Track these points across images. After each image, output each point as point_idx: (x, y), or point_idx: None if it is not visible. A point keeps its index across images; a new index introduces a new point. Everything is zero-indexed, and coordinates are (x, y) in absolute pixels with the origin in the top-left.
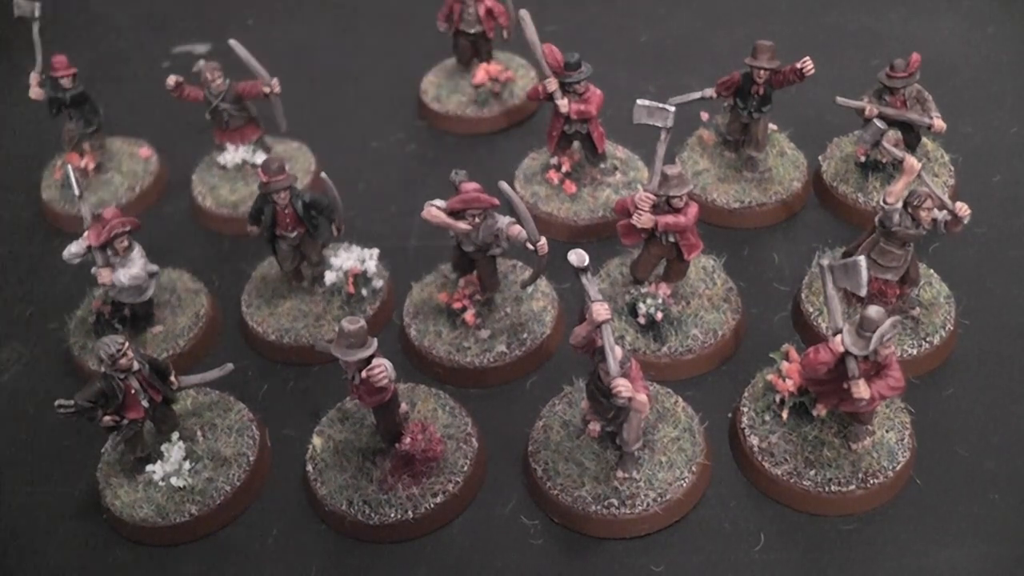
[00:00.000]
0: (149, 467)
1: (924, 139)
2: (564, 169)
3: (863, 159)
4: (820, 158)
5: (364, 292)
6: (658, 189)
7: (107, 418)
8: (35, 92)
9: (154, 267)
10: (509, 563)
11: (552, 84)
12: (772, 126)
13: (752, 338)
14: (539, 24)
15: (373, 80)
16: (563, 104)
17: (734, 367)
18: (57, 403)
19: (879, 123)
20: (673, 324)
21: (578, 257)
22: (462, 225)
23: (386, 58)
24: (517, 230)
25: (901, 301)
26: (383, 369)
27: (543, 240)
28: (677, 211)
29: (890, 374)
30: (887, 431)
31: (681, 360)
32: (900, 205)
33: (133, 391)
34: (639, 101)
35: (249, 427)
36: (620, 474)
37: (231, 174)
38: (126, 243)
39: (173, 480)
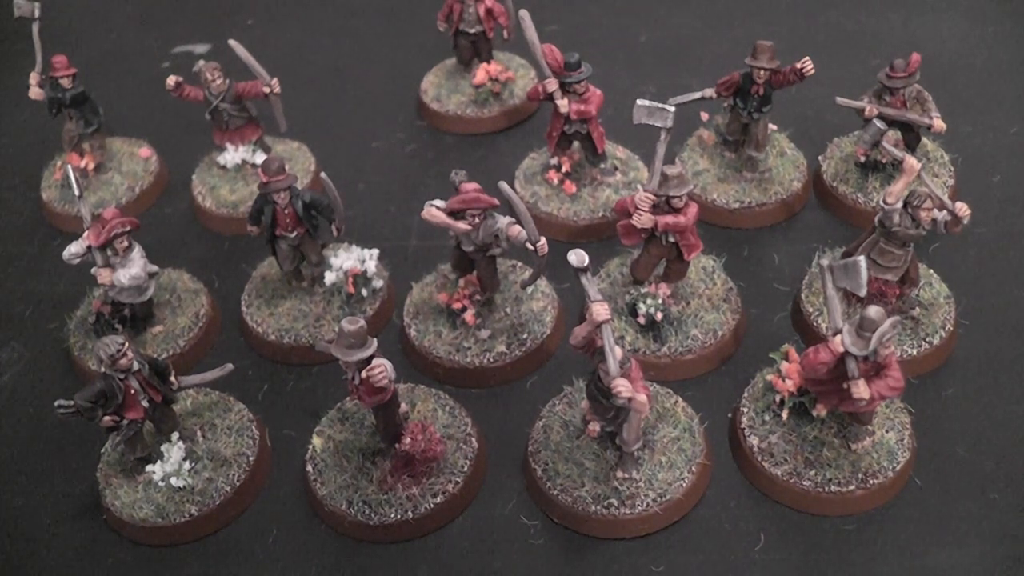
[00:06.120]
0: (149, 467)
1: (924, 139)
2: (564, 169)
3: (863, 159)
4: (820, 158)
5: (364, 292)
6: (658, 189)
7: (107, 418)
8: (35, 92)
9: (154, 267)
10: (509, 563)
11: (552, 84)
12: (772, 126)
13: (752, 338)
14: (539, 24)
15: (373, 80)
16: (563, 104)
17: (734, 367)
18: (57, 403)
19: (879, 123)
20: (673, 324)
21: (578, 257)
22: (462, 225)
23: (386, 58)
24: (517, 230)
25: (901, 301)
26: (383, 369)
27: (543, 240)
28: (677, 211)
29: (890, 374)
30: (887, 431)
31: (681, 360)
32: (900, 205)
33: (133, 391)
34: (639, 101)
35: (249, 427)
36: (620, 474)
37: (231, 174)
38: (126, 243)
39: (173, 480)
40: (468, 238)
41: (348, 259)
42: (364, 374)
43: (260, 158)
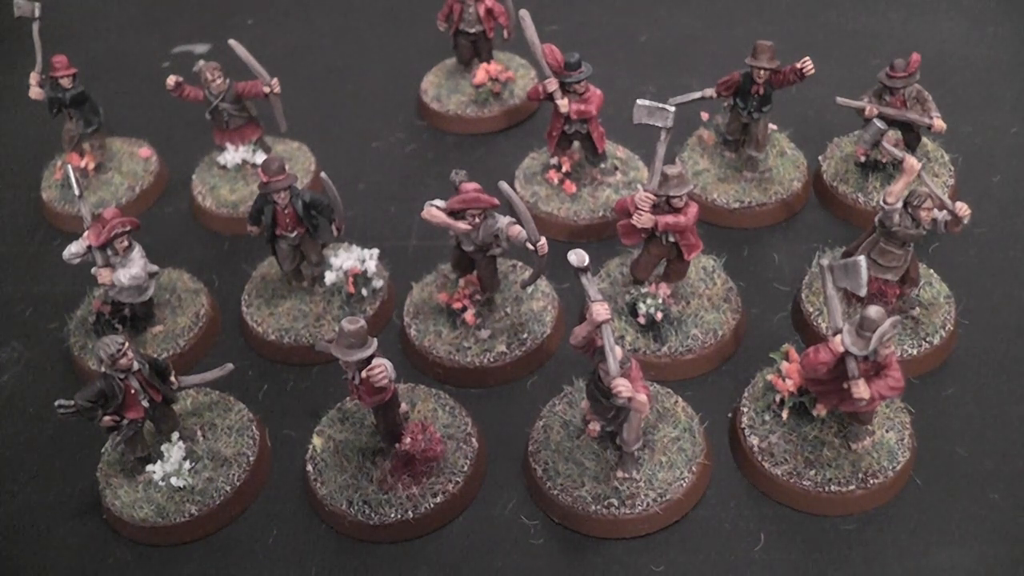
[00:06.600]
0: (149, 467)
1: (924, 139)
2: (564, 169)
3: (863, 159)
4: (820, 158)
5: (364, 292)
6: (658, 189)
7: (107, 418)
8: (35, 92)
9: (154, 267)
10: (509, 563)
11: (552, 84)
12: (772, 126)
13: (752, 338)
14: (539, 24)
15: (373, 80)
16: (563, 104)
17: (734, 367)
18: (57, 403)
19: (879, 123)
20: (673, 324)
21: (578, 257)
22: (462, 225)
23: (386, 58)
24: (517, 230)
25: (901, 301)
26: (383, 369)
27: (543, 240)
28: (677, 211)
29: (890, 374)
30: (887, 431)
31: (681, 360)
32: (900, 205)
33: (133, 391)
34: (639, 101)
35: (249, 427)
36: (620, 474)
37: (231, 174)
38: (126, 243)
39: (173, 480)
40: (468, 238)
41: (348, 259)
42: (364, 374)
43: (260, 158)
